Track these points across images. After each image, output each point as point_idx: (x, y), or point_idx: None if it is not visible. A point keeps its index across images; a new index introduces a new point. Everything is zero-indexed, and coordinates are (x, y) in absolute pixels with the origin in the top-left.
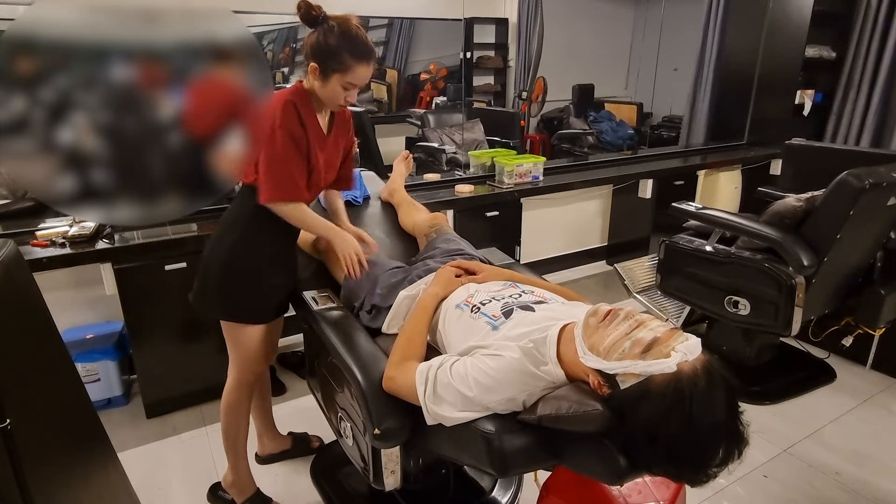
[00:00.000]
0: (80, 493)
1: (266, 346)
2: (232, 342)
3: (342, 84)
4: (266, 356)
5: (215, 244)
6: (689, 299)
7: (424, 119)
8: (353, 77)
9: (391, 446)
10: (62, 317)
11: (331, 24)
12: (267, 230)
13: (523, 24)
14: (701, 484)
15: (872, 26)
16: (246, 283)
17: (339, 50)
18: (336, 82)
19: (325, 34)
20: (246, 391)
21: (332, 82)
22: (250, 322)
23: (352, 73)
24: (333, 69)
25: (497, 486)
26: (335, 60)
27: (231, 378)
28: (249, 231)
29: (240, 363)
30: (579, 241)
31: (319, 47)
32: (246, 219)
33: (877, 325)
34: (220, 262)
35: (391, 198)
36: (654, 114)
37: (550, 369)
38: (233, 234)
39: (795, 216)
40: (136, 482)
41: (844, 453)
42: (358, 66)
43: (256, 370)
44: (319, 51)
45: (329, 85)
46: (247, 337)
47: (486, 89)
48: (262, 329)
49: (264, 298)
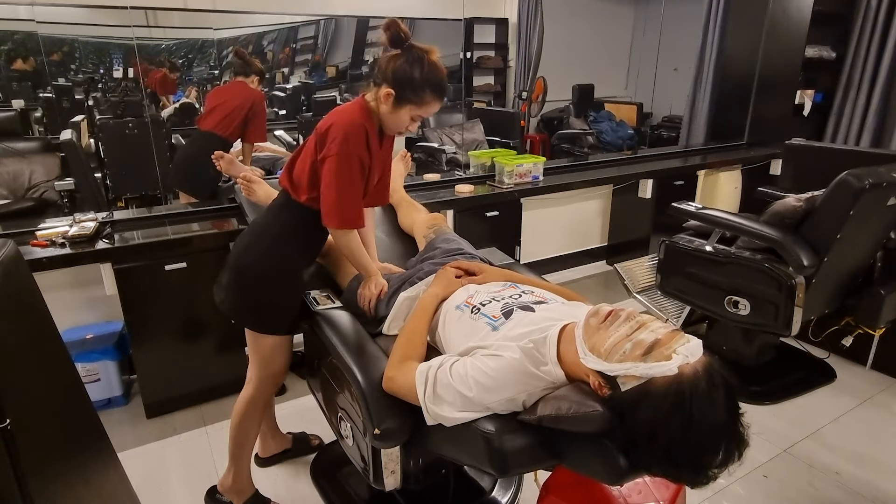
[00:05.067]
0: (80, 493)
1: (287, 356)
2: (259, 353)
3: (412, 115)
4: (286, 367)
5: (252, 253)
6: (689, 299)
7: (424, 119)
8: (425, 111)
9: (391, 446)
10: (62, 317)
11: (419, 56)
12: (305, 245)
13: (523, 24)
14: (701, 485)
15: (872, 26)
16: (282, 295)
17: (423, 85)
18: (407, 113)
19: (412, 65)
20: (263, 401)
21: (402, 112)
22: (280, 332)
23: (426, 108)
24: (410, 100)
25: (497, 486)
26: (415, 94)
27: (251, 387)
28: (291, 246)
29: (263, 374)
30: (579, 241)
31: (402, 76)
32: (289, 234)
33: (877, 325)
34: (258, 273)
35: (390, 198)
36: (654, 114)
37: (550, 370)
38: (275, 247)
39: (795, 216)
40: (136, 482)
41: (844, 453)
42: (434, 102)
43: (277, 381)
44: (401, 79)
45: (398, 113)
46: (273, 346)
47: (486, 89)
48: (288, 339)
49: (292, 310)
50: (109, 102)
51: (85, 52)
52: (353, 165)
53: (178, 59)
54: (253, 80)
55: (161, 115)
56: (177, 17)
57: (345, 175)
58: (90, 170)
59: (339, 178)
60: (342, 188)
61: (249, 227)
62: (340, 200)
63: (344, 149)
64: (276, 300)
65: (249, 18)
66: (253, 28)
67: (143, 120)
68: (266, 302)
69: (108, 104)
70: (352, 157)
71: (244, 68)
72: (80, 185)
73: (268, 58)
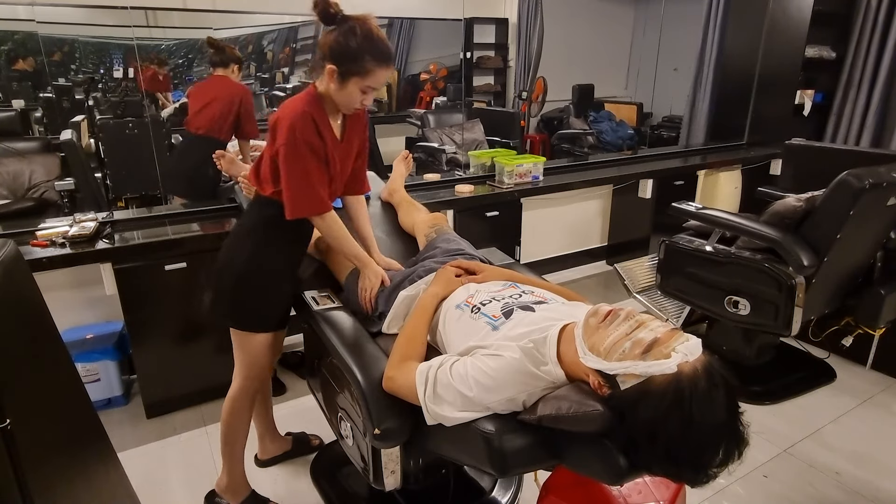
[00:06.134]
0: (80, 493)
1: (272, 353)
2: (240, 350)
3: (360, 88)
4: (271, 364)
5: (229, 254)
6: (689, 299)
7: (424, 119)
8: (372, 80)
9: (391, 446)
10: (62, 317)
11: (351, 25)
12: (279, 240)
13: (523, 24)
14: (701, 484)
15: (872, 26)
16: (257, 293)
17: (360, 53)
18: (354, 86)
19: (346, 35)
20: (250, 397)
21: (349, 86)
22: (259, 330)
23: (372, 77)
24: (353, 72)
25: (497, 486)
26: (355, 64)
27: (236, 385)
28: (262, 241)
29: (246, 370)
30: (579, 241)
31: (339, 49)
32: (260, 229)
33: (877, 325)
34: (233, 271)
35: (391, 198)
36: (654, 114)
37: (550, 369)
38: (246, 244)
39: (795, 216)
40: (136, 482)
41: (844, 453)
42: (378, 69)
43: (262, 377)
44: (339, 53)
45: (346, 88)
46: (255, 345)
47: (486, 89)
48: (270, 337)
49: (274, 307)
50: (109, 102)
51: (85, 52)
52: (303, 153)
53: (178, 59)
54: (233, 70)
55: (161, 115)
56: (176, 17)
57: (295, 164)
58: (90, 170)
59: (290, 167)
60: (295, 177)
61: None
62: (296, 188)
63: (290, 138)
64: (255, 298)
65: (249, 18)
66: (253, 28)
67: (143, 120)
68: (245, 300)
69: (109, 104)
70: (298, 144)
71: (221, 58)
72: (80, 185)
73: (268, 58)
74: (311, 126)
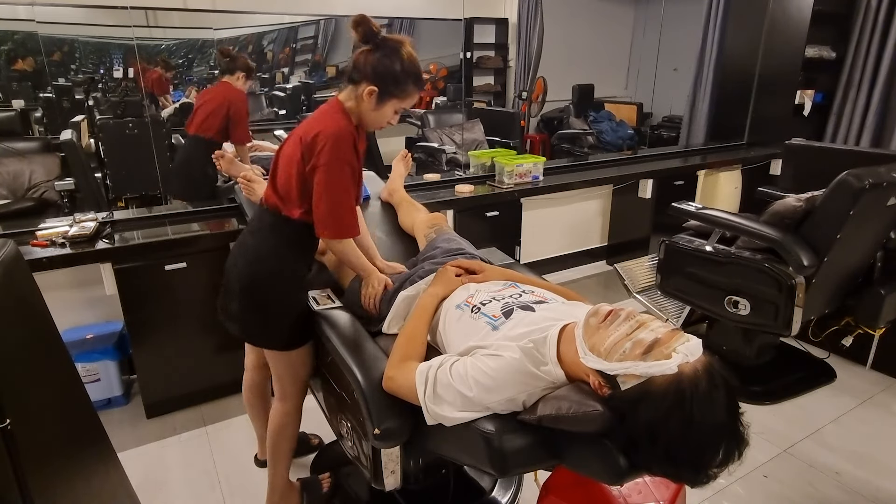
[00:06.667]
0: (80, 493)
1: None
2: (284, 369)
3: (395, 109)
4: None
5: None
6: (689, 299)
7: (424, 119)
8: (408, 103)
9: (391, 446)
10: (62, 317)
11: (394, 47)
12: (303, 259)
13: (523, 24)
14: (701, 485)
15: (872, 26)
16: (291, 313)
17: (404, 77)
18: (391, 107)
19: (391, 58)
20: (299, 413)
21: (386, 107)
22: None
23: (409, 100)
24: (393, 94)
25: (497, 486)
26: (397, 87)
27: (288, 404)
28: (291, 261)
29: (291, 387)
30: (579, 241)
31: (383, 71)
32: (289, 254)
33: (877, 325)
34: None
35: (391, 198)
36: (654, 114)
37: (550, 369)
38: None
39: (795, 216)
40: (136, 482)
41: (844, 453)
42: (416, 93)
43: (305, 389)
44: (382, 74)
45: (383, 109)
46: (297, 360)
47: (486, 89)
48: (310, 346)
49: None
50: (109, 102)
51: (85, 52)
52: (345, 173)
53: (178, 59)
54: (238, 78)
55: (161, 115)
56: (176, 17)
57: (337, 184)
58: (90, 170)
59: (331, 187)
60: (336, 198)
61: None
62: (336, 210)
63: (335, 157)
64: (291, 319)
65: (249, 18)
66: (253, 28)
67: (143, 120)
68: (284, 324)
69: (109, 104)
70: (343, 164)
71: (229, 65)
72: (80, 185)
73: (268, 58)
74: (353, 146)
